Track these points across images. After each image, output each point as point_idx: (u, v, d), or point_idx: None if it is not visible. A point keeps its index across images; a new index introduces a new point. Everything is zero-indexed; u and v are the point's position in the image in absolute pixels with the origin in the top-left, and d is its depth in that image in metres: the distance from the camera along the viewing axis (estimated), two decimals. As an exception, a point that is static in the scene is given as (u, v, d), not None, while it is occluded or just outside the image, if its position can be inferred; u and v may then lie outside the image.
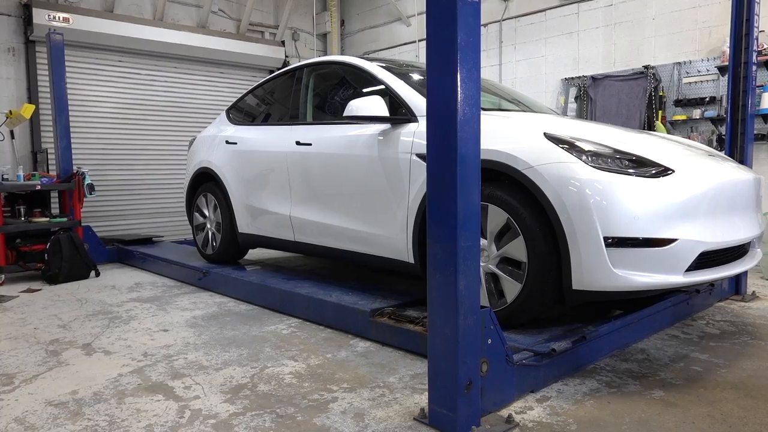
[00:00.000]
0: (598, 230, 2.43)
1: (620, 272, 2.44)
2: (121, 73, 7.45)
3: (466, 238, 2.01)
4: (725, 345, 3.10)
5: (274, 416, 2.27)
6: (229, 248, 4.81)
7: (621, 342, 3.00)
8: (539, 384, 2.49)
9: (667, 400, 2.38)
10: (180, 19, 8.01)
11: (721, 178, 2.72)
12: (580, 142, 2.62)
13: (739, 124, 4.21)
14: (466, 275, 2.01)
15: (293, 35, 9.26)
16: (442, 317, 2.06)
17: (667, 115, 5.78)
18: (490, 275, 2.84)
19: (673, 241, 2.44)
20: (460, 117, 1.96)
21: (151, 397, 2.49)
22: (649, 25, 5.94)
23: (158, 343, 3.26)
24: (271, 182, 4.25)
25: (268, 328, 3.53)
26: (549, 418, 2.21)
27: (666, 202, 2.47)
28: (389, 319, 3.15)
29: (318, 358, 2.95)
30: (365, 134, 3.47)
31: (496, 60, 7.34)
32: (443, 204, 2.02)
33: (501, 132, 2.79)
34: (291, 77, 4.43)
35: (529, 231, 2.61)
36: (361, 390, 2.53)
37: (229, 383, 2.63)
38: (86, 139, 7.18)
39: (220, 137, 4.88)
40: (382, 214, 3.34)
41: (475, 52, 1.98)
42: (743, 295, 4.19)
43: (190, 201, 5.27)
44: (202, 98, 8.19)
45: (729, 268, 2.79)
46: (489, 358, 2.18)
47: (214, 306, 4.14)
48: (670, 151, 2.79)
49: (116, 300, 4.41)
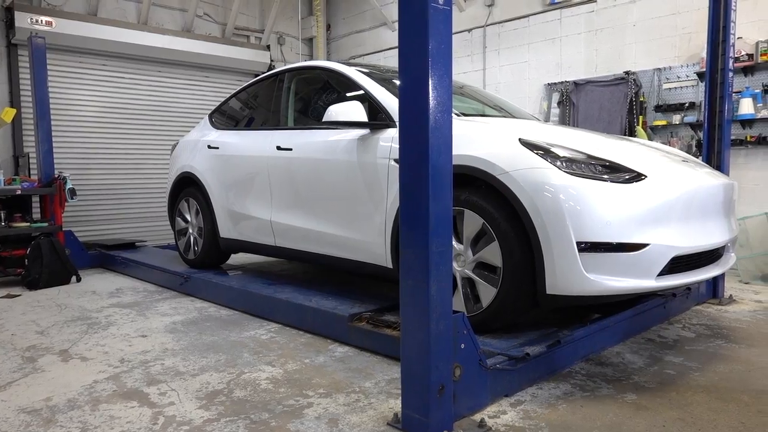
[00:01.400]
0: (571, 235, 2.45)
1: (593, 277, 2.47)
2: (104, 77, 7.40)
3: (438, 244, 2.02)
4: (699, 348, 3.14)
5: (248, 422, 2.27)
6: (210, 253, 4.80)
7: (597, 346, 3.03)
8: (514, 388, 2.50)
9: (639, 403, 2.40)
10: (164, 23, 7.98)
11: (694, 184, 2.76)
12: (555, 147, 2.64)
13: (716, 130, 4.27)
14: (438, 280, 2.03)
15: (279, 39, 9.26)
16: (415, 322, 2.07)
17: (648, 121, 5.85)
18: (466, 280, 2.86)
19: (645, 245, 2.47)
20: (432, 123, 1.98)
21: (125, 403, 2.48)
22: (630, 31, 6.01)
23: (136, 349, 3.24)
24: (252, 187, 4.25)
25: (247, 334, 3.52)
26: (521, 422, 2.23)
27: (638, 207, 2.49)
28: (367, 323, 3.16)
29: (296, 364, 2.95)
30: (345, 139, 3.48)
31: (480, 65, 7.38)
32: (415, 209, 2.04)
33: (477, 138, 2.82)
34: (272, 82, 4.43)
35: (503, 236, 2.63)
36: (337, 395, 2.53)
37: (205, 389, 2.62)
38: (69, 143, 7.12)
39: (203, 142, 4.86)
40: (360, 219, 3.35)
41: (447, 59, 2.00)
42: (720, 298, 4.24)
43: (172, 206, 5.25)
44: (186, 102, 8.16)
45: (702, 272, 2.82)
46: (462, 363, 2.19)
47: (194, 311, 4.12)
48: (644, 157, 2.82)
49: (96, 306, 4.38)
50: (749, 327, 3.55)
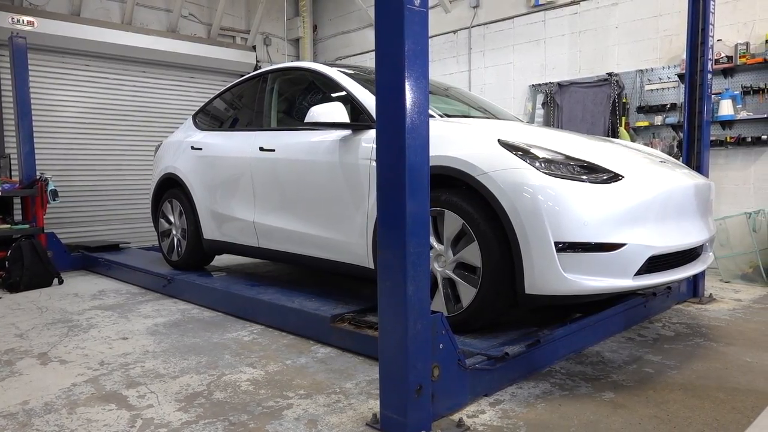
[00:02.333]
0: (549, 235, 2.47)
1: (571, 276, 2.49)
2: (87, 77, 7.34)
3: (415, 244, 2.02)
4: (678, 347, 3.17)
5: (227, 424, 2.26)
6: (194, 254, 4.77)
7: (577, 345, 3.05)
8: (493, 387, 2.51)
9: (616, 401, 2.43)
10: (149, 23, 7.93)
11: (671, 184, 2.79)
12: (533, 148, 2.66)
13: (695, 131, 4.32)
14: (415, 281, 2.03)
15: (265, 40, 9.23)
16: (392, 322, 2.07)
17: (631, 122, 5.90)
18: (447, 280, 2.87)
19: (622, 245, 2.49)
20: (408, 124, 1.98)
21: (103, 406, 2.46)
22: (613, 33, 6.06)
23: (116, 352, 3.22)
24: (235, 188, 4.23)
25: (229, 335, 3.50)
26: (500, 422, 2.24)
27: (615, 207, 2.52)
28: (349, 324, 3.16)
29: (277, 365, 2.95)
30: (327, 140, 3.48)
31: (465, 66, 7.41)
32: (392, 210, 2.04)
33: (457, 138, 2.83)
34: (255, 83, 4.42)
35: (483, 236, 2.64)
36: (317, 396, 2.53)
37: (184, 391, 2.61)
38: (52, 144, 7.05)
39: (186, 143, 4.84)
40: (342, 220, 3.35)
41: (423, 60, 2.01)
42: (701, 297, 4.29)
43: (156, 207, 5.22)
44: (171, 103, 8.11)
45: (679, 271, 2.86)
46: (441, 363, 2.20)
47: (177, 313, 4.10)
48: (622, 158, 2.85)
49: (78, 308, 4.34)
50: (728, 326, 3.60)
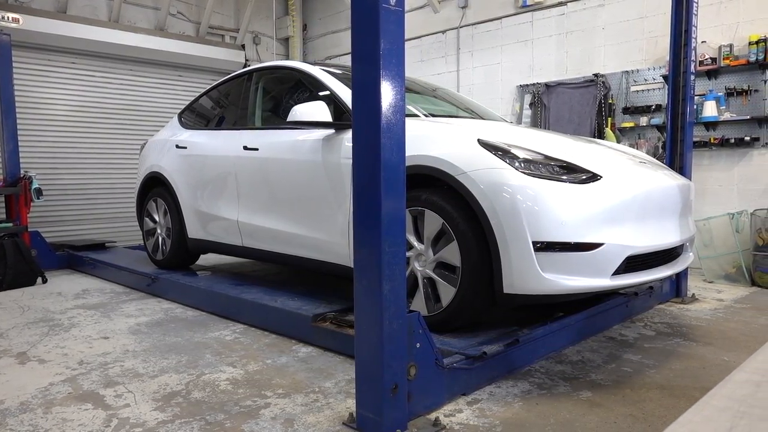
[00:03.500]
0: (527, 235, 2.48)
1: (549, 276, 2.49)
2: (74, 75, 7.29)
3: (390, 243, 2.03)
4: (658, 346, 3.19)
5: (203, 423, 2.25)
6: (179, 254, 4.75)
7: (558, 344, 3.06)
8: (471, 387, 2.52)
9: (593, 400, 2.44)
10: (137, 21, 7.89)
11: (650, 184, 2.81)
12: (513, 148, 2.67)
13: (679, 131, 4.35)
14: (390, 280, 2.03)
15: (254, 39, 9.20)
16: (368, 322, 2.07)
17: (616, 123, 5.93)
18: (427, 280, 2.87)
19: (600, 245, 2.51)
20: (384, 124, 1.98)
21: (79, 406, 2.44)
22: (600, 34, 6.09)
23: (96, 351, 3.20)
24: (219, 187, 4.22)
25: (212, 335, 3.49)
26: (476, 421, 2.25)
27: (593, 207, 2.53)
28: (331, 324, 3.16)
29: (257, 364, 2.94)
30: (310, 139, 3.47)
31: (454, 66, 7.42)
32: (368, 209, 2.04)
33: (437, 138, 2.83)
34: (240, 82, 4.41)
35: (462, 236, 2.65)
36: (296, 395, 2.52)
37: (162, 391, 2.60)
38: (38, 142, 7.00)
39: (171, 141, 4.82)
40: (324, 219, 3.35)
41: (398, 59, 2.01)
42: (683, 297, 4.32)
43: (141, 206, 5.20)
44: (159, 101, 8.07)
45: (658, 271, 2.87)
46: (417, 362, 2.20)
47: (160, 312, 4.08)
48: (601, 158, 2.86)
49: (60, 307, 4.31)
50: (708, 325, 3.62)
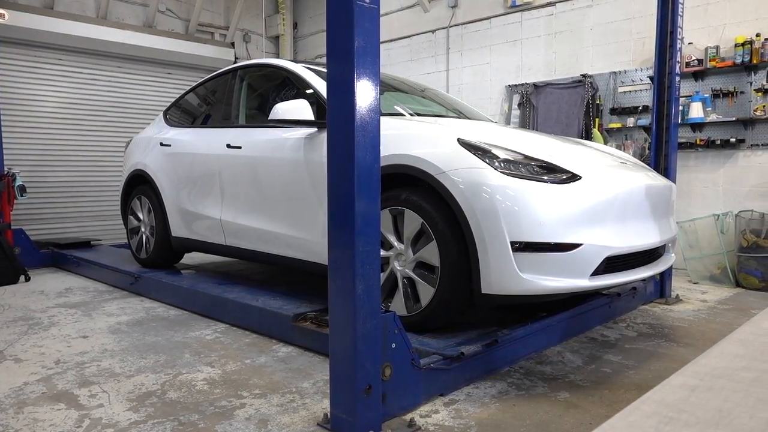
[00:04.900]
0: (505, 235, 2.46)
1: (527, 276, 2.48)
2: (61, 72, 7.23)
3: (364, 243, 2.01)
4: (639, 347, 3.19)
5: (176, 424, 2.23)
6: (162, 252, 4.72)
7: (538, 345, 3.06)
8: (449, 387, 2.50)
9: (570, 401, 2.43)
10: (125, 17, 7.83)
11: (630, 185, 2.80)
12: (493, 148, 2.66)
13: (664, 132, 4.35)
14: (364, 280, 2.01)
15: (244, 37, 9.16)
16: (342, 322, 2.05)
17: (604, 123, 5.93)
18: (407, 280, 2.86)
19: (578, 245, 2.50)
20: (358, 122, 1.96)
21: (52, 406, 2.41)
22: (588, 34, 6.09)
23: (74, 350, 3.16)
24: (202, 185, 4.19)
25: (192, 334, 3.46)
26: (452, 422, 2.23)
27: (571, 207, 2.52)
28: (311, 323, 3.14)
29: (236, 364, 2.91)
30: (292, 138, 3.45)
31: (443, 66, 7.41)
32: (341, 208, 2.02)
33: (417, 137, 2.82)
34: (224, 80, 4.39)
35: (441, 235, 2.63)
36: (272, 396, 2.50)
37: (138, 391, 2.57)
38: (23, 139, 6.94)
39: (155, 139, 4.78)
40: (306, 218, 3.33)
41: (373, 57, 1.99)
42: (667, 298, 4.32)
43: (125, 204, 5.16)
44: (147, 99, 8.02)
45: (638, 271, 2.87)
46: (393, 363, 2.18)
47: (142, 311, 4.04)
48: (582, 158, 2.86)
49: (41, 306, 4.26)
50: (690, 326, 3.63)
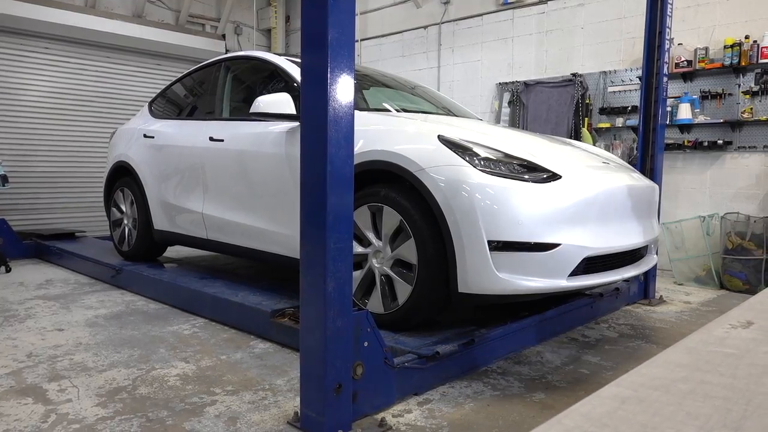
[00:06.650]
0: (483, 234, 2.44)
1: (504, 276, 2.46)
2: (47, 61, 7.13)
3: (336, 239, 1.97)
4: (619, 348, 3.17)
5: (144, 420, 2.19)
6: (144, 245, 4.67)
7: (517, 345, 3.04)
8: (424, 387, 2.48)
9: (545, 402, 2.41)
10: (114, 7, 7.74)
11: (612, 185, 2.77)
12: (473, 146, 2.62)
13: (651, 133, 4.33)
14: (335, 277, 1.98)
15: (236, 29, 9.08)
16: (312, 320, 2.02)
17: (593, 123, 5.91)
18: (385, 277, 2.82)
19: (556, 245, 2.47)
20: (331, 116, 1.93)
21: (19, 400, 2.37)
22: (579, 33, 6.06)
23: (48, 343, 3.12)
24: (185, 178, 4.14)
25: (170, 328, 3.42)
26: (424, 421, 2.21)
27: (550, 207, 2.49)
28: (289, 319, 3.10)
29: (211, 360, 2.88)
30: (274, 132, 3.41)
31: (435, 63, 7.37)
32: (313, 205, 1.99)
33: (398, 133, 2.78)
34: (208, 72, 4.33)
35: (419, 233, 2.60)
36: (245, 393, 2.47)
37: (108, 386, 2.53)
38: (8, 128, 6.85)
39: (139, 130, 4.73)
40: (287, 213, 3.29)
41: (348, 49, 1.95)
42: (651, 299, 4.31)
43: (108, 196, 5.10)
44: (136, 90, 7.94)
45: (619, 272, 2.85)
46: (365, 361, 2.15)
47: (121, 305, 4.00)
48: (562, 158, 2.83)
49: (19, 297, 4.21)
50: (671, 328, 3.62)
